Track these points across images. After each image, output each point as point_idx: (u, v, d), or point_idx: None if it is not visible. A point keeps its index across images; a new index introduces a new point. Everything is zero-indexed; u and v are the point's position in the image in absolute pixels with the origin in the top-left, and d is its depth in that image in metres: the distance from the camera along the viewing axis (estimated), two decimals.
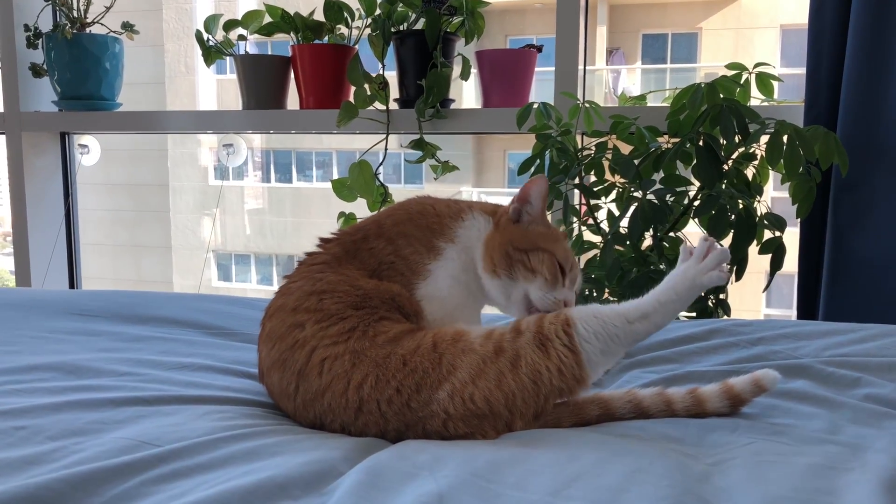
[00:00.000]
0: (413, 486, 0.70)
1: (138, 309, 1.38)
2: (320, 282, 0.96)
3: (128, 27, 2.35)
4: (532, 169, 1.78)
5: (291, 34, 2.19)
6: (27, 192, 2.49)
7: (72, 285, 2.67)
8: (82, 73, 2.32)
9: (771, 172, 1.74)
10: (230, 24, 2.22)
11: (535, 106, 1.81)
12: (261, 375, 0.99)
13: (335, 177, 2.15)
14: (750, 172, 1.72)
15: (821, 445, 0.80)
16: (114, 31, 2.35)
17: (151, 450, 0.77)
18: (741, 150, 1.66)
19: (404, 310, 0.96)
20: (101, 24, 2.34)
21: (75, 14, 2.30)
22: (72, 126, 2.51)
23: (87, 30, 2.32)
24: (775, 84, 1.79)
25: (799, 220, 1.72)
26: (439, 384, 0.85)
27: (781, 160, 1.54)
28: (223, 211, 6.97)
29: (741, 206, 1.58)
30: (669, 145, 1.67)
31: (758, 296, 3.39)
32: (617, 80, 7.04)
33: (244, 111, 2.28)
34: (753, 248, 1.65)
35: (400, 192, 1.91)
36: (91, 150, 2.67)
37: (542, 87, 2.49)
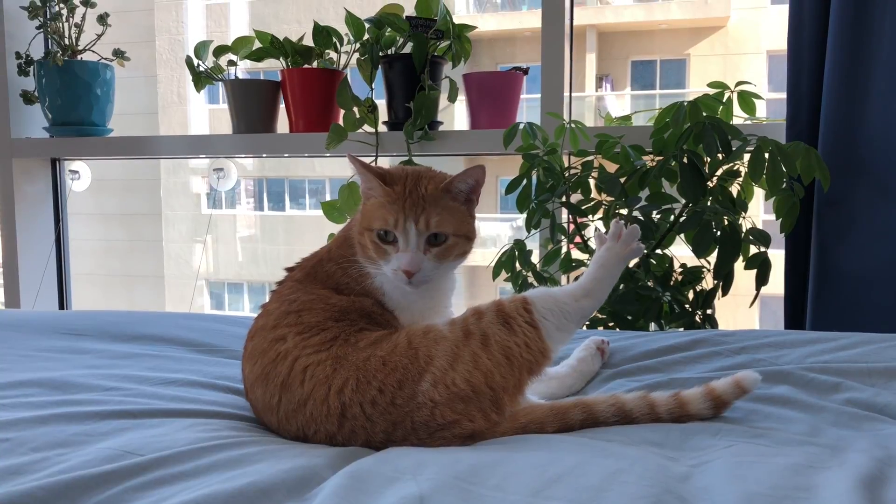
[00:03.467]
0: (395, 489, 0.70)
1: (126, 327, 1.38)
2: (295, 302, 0.99)
3: (119, 54, 2.37)
4: (519, 189, 1.80)
5: (281, 59, 2.22)
6: (17, 218, 2.49)
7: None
8: (73, 100, 2.34)
9: (760, 193, 1.76)
10: (220, 50, 2.25)
11: (522, 126, 1.83)
12: (246, 393, 1.00)
13: None
14: (735, 189, 1.74)
15: (801, 447, 0.81)
16: (105, 59, 2.38)
17: (135, 459, 0.77)
18: (725, 166, 1.68)
19: (382, 326, 0.98)
20: (93, 52, 2.37)
21: (66, 41, 2.32)
22: (63, 152, 2.52)
23: (79, 57, 2.35)
24: (762, 107, 1.81)
25: (784, 235, 1.74)
26: (420, 376, 0.87)
27: (764, 175, 1.56)
28: (216, 239, 6.95)
29: (726, 222, 1.60)
30: (654, 163, 1.69)
31: (752, 317, 3.39)
32: (607, 107, 7.12)
33: (234, 135, 2.30)
34: (740, 265, 1.66)
35: None
36: (82, 175, 2.68)
37: (530, 113, 2.52)
